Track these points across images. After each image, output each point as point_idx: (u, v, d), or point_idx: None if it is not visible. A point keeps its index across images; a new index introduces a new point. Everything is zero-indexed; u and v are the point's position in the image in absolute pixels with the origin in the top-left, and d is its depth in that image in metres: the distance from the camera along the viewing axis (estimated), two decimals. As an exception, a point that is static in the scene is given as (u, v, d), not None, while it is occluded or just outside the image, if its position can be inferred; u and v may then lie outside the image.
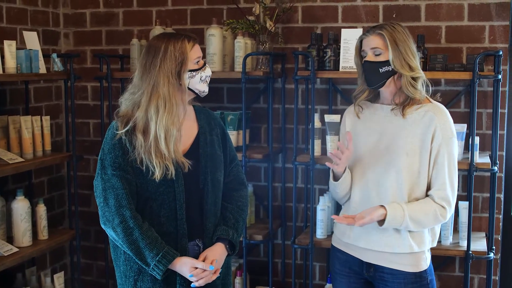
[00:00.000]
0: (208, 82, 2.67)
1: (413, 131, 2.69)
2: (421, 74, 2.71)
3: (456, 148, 2.72)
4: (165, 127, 2.51)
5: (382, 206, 2.64)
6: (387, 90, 2.76)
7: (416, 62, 2.70)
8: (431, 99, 2.78)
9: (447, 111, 2.73)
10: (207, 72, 2.65)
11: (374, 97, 2.86)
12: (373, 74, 2.71)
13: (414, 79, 2.69)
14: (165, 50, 2.54)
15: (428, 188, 2.71)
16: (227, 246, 2.69)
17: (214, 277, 2.60)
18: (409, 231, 2.69)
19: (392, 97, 2.77)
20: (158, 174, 2.52)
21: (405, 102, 2.72)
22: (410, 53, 2.68)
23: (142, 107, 2.54)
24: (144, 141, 2.52)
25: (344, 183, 2.80)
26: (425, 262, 2.75)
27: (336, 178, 2.84)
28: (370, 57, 2.71)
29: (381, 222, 2.64)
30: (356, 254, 2.82)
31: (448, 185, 2.67)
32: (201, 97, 2.70)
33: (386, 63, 2.68)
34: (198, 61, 2.62)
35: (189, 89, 2.61)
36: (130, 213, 2.50)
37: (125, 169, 2.54)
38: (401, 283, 2.72)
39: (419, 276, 2.73)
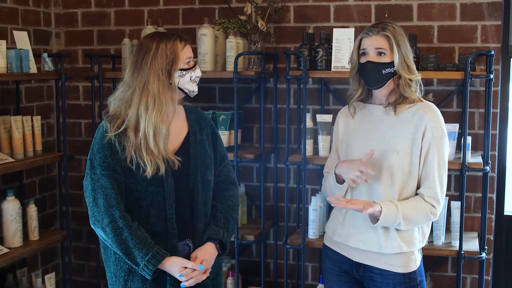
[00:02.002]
0: (197, 83, 2.67)
1: (403, 130, 2.68)
2: (417, 75, 2.71)
3: (446, 147, 2.71)
4: (154, 124, 2.51)
5: (376, 203, 2.62)
6: (384, 90, 2.74)
7: (413, 62, 2.72)
8: (422, 99, 2.77)
9: (437, 110, 2.73)
10: (197, 73, 2.65)
11: (367, 97, 2.85)
12: (375, 75, 2.70)
13: (410, 79, 2.69)
14: (156, 48, 2.55)
15: (418, 186, 2.71)
16: (218, 245, 2.69)
17: (203, 277, 2.60)
18: (398, 231, 2.68)
19: (386, 97, 2.76)
20: (149, 171, 2.51)
21: (398, 101, 2.72)
22: (409, 53, 2.69)
23: (134, 105, 2.55)
24: (135, 139, 2.52)
25: (346, 186, 2.79)
26: (415, 263, 2.74)
27: (340, 181, 2.82)
28: (372, 57, 2.69)
29: (374, 220, 2.64)
30: (346, 253, 2.81)
31: (438, 184, 2.67)
32: (192, 97, 2.70)
33: (390, 64, 2.67)
34: (189, 61, 2.62)
35: (179, 88, 2.61)
36: (120, 213, 2.50)
37: (114, 169, 2.53)
38: (390, 284, 2.71)
39: (408, 277, 2.71)
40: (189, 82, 2.62)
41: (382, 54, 2.68)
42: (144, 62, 2.54)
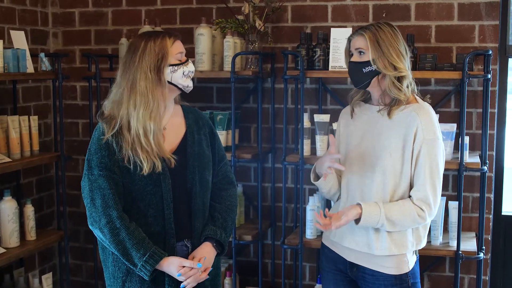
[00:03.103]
0: (191, 77, 2.66)
1: (397, 131, 2.67)
2: (406, 74, 2.67)
3: (439, 150, 2.66)
4: (142, 122, 2.51)
5: (358, 204, 2.63)
6: (374, 90, 2.74)
7: (403, 62, 2.67)
8: (419, 99, 2.75)
9: (431, 112, 2.70)
10: (190, 68, 2.64)
11: (368, 98, 2.85)
12: (357, 74, 2.71)
13: (399, 79, 2.67)
14: (144, 46, 2.56)
15: (411, 188, 2.70)
16: (215, 245, 2.68)
17: (204, 275, 2.59)
18: (389, 233, 2.66)
19: (379, 98, 2.76)
20: (146, 168, 2.51)
21: (392, 103, 2.70)
22: (394, 53, 2.65)
23: (124, 104, 2.55)
24: (129, 138, 2.52)
25: (328, 183, 2.81)
26: (407, 265, 2.71)
27: (316, 179, 2.83)
28: (355, 57, 2.72)
29: (358, 220, 2.64)
30: (341, 253, 2.81)
31: (428, 187, 2.63)
32: (188, 95, 2.70)
33: (368, 63, 2.67)
34: (180, 57, 2.61)
35: (172, 84, 2.60)
36: (117, 213, 2.49)
37: (111, 169, 2.53)
38: (381, 285, 2.70)
39: (400, 279, 2.70)
40: (182, 77, 2.61)
41: (362, 54, 2.69)
42: (132, 62, 2.55)
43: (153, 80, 2.54)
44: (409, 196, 2.68)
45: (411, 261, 2.74)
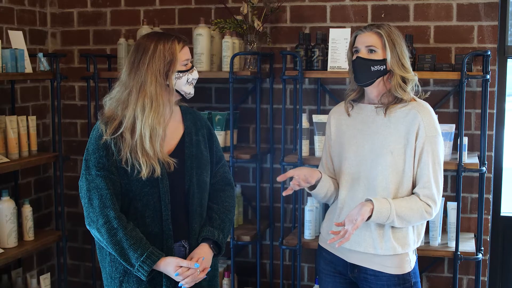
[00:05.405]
0: (194, 85, 2.66)
1: (397, 129, 2.67)
2: (413, 75, 2.69)
3: (440, 146, 2.69)
4: (150, 126, 2.50)
5: (368, 200, 2.61)
6: (374, 90, 2.73)
7: (409, 64, 2.70)
8: (416, 98, 2.75)
9: (431, 109, 2.71)
10: (194, 75, 2.64)
11: (359, 97, 2.84)
12: (364, 71, 2.68)
13: (405, 81, 2.68)
14: (154, 49, 2.53)
15: (413, 186, 2.70)
16: (212, 246, 2.67)
17: (202, 275, 2.59)
18: (393, 232, 2.66)
19: (379, 98, 2.75)
20: (145, 172, 2.50)
21: (390, 103, 2.70)
22: (405, 55, 2.68)
23: (130, 106, 2.53)
24: (131, 140, 2.51)
25: (322, 189, 2.78)
26: (409, 265, 2.72)
27: (311, 188, 2.82)
28: (363, 53, 2.69)
29: (368, 217, 2.63)
30: (341, 254, 2.80)
31: (433, 183, 2.65)
32: (187, 98, 2.69)
33: (380, 62, 2.65)
34: (186, 63, 2.61)
35: (175, 90, 2.59)
36: (114, 213, 2.49)
37: (109, 170, 2.52)
38: (384, 285, 2.70)
39: (403, 279, 2.70)
40: (185, 84, 2.61)
41: (373, 52, 2.67)
42: (142, 63, 2.53)
43: (162, 85, 2.54)
44: (412, 193, 2.69)
45: (412, 260, 2.75)
